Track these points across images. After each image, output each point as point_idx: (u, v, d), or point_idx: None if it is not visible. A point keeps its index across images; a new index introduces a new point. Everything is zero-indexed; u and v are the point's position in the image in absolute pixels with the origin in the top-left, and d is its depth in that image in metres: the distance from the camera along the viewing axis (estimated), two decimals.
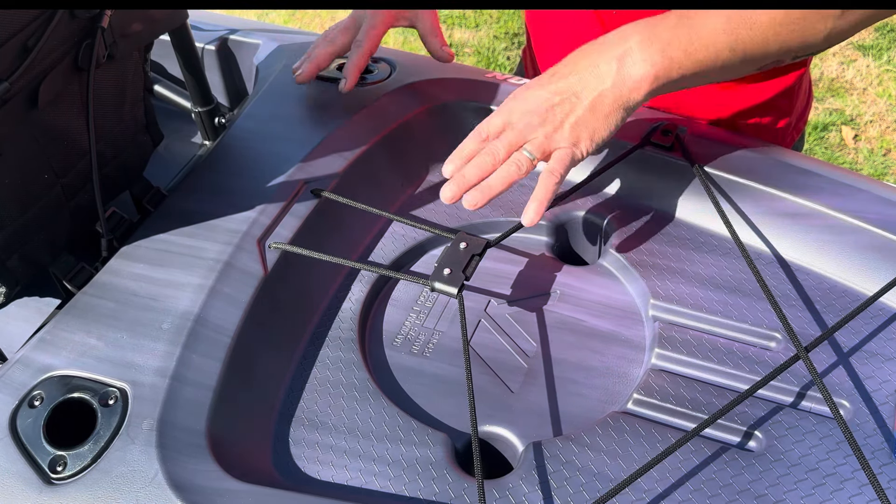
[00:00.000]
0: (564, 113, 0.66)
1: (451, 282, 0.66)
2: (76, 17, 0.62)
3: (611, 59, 0.65)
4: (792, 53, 0.67)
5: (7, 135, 0.60)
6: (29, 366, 0.62)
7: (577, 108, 0.65)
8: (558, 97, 0.66)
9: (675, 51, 0.64)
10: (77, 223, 0.72)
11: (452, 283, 0.66)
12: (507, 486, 0.57)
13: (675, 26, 0.64)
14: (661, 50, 0.64)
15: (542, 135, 0.66)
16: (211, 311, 0.65)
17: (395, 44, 2.65)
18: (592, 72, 0.65)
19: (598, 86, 0.65)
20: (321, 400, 0.65)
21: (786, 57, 0.67)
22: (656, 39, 0.64)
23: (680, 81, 0.66)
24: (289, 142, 0.81)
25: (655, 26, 0.65)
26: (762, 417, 0.61)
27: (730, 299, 0.70)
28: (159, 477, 0.54)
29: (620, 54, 0.65)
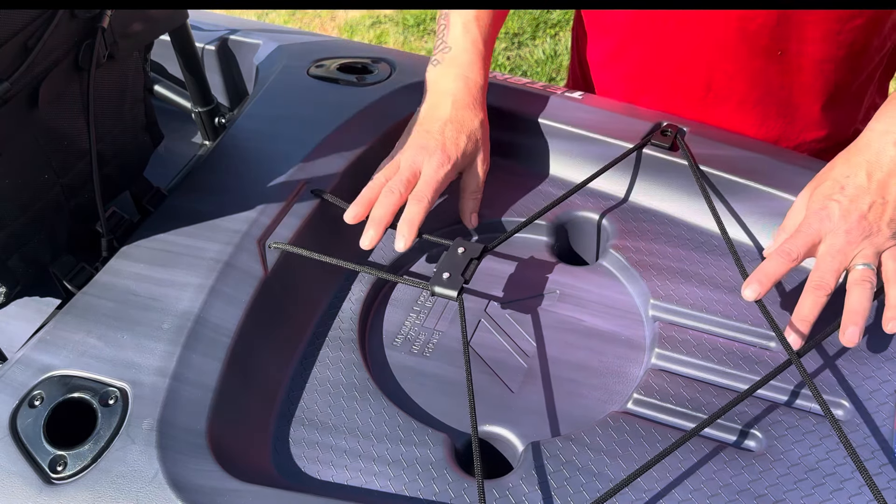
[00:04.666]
0: (876, 217, 0.64)
1: (451, 285, 0.66)
2: (76, 17, 0.62)
3: (891, 149, 0.65)
4: None
5: (7, 135, 0.60)
6: (29, 365, 0.62)
7: (888, 208, 0.64)
8: (866, 205, 0.64)
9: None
10: (77, 223, 0.72)
11: (452, 287, 0.66)
12: (507, 486, 0.57)
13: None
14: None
15: (867, 244, 0.63)
16: (211, 311, 0.65)
17: (396, 44, 2.66)
18: (881, 167, 0.65)
19: (893, 180, 0.64)
20: (321, 400, 0.65)
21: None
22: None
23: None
24: (289, 142, 0.81)
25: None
26: (762, 417, 0.61)
27: (730, 299, 0.70)
28: (159, 477, 0.54)
29: (894, 142, 0.65)
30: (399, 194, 0.70)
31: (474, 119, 0.76)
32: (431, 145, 0.73)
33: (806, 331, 0.63)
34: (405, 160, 0.73)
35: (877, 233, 0.63)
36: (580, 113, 0.84)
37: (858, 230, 0.63)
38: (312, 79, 0.92)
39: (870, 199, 0.64)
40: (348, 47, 1.00)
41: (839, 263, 0.63)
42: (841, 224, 0.63)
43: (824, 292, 0.62)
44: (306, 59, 0.95)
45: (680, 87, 0.88)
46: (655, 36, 0.85)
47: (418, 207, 0.70)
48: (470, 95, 0.76)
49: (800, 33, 0.77)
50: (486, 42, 0.80)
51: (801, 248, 0.64)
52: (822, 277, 0.63)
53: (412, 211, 0.70)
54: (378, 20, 2.77)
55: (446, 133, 0.73)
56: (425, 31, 2.70)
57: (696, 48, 0.83)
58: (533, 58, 2.49)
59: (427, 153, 0.72)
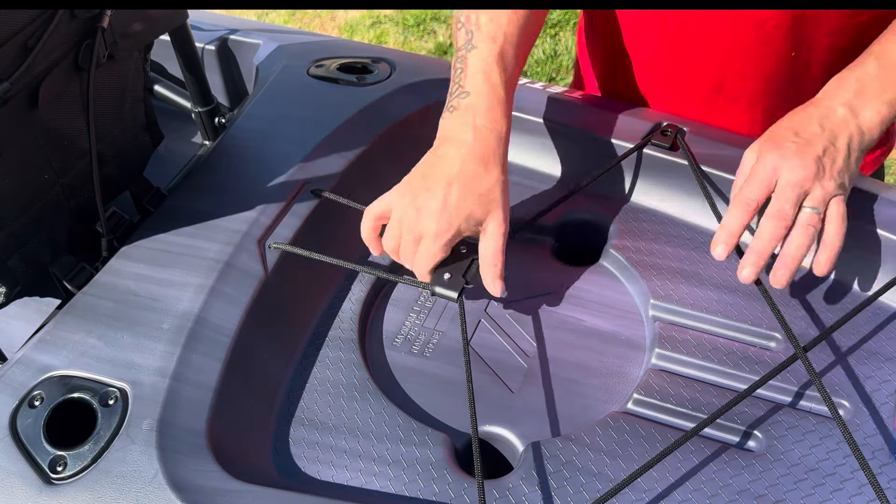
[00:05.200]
0: (830, 162, 0.65)
1: (452, 286, 0.66)
2: (76, 17, 0.62)
3: (840, 108, 0.67)
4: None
5: (7, 135, 0.60)
6: (29, 366, 0.62)
7: (839, 156, 0.65)
8: (820, 148, 0.65)
9: (889, 93, 0.67)
10: (77, 223, 0.72)
11: (453, 288, 0.66)
12: (508, 486, 0.57)
13: (877, 74, 0.68)
14: (877, 96, 0.67)
15: (818, 187, 0.64)
16: (211, 311, 0.65)
17: (395, 44, 2.66)
18: (833, 120, 0.66)
19: (845, 131, 0.66)
20: (321, 400, 0.65)
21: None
22: (867, 90, 0.67)
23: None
24: (289, 142, 0.81)
25: (860, 79, 0.68)
26: (762, 417, 0.61)
27: (730, 299, 0.70)
28: (159, 477, 0.54)
29: (847, 103, 0.67)
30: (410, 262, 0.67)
31: (488, 177, 0.65)
32: (432, 207, 0.64)
33: (762, 263, 0.63)
34: (405, 223, 0.66)
35: (828, 178, 0.64)
36: (580, 113, 0.84)
37: (813, 168, 0.64)
38: (312, 79, 0.92)
39: (823, 144, 0.65)
40: (348, 47, 1.00)
41: (797, 196, 0.64)
42: (796, 160, 0.64)
43: (784, 223, 0.63)
44: (306, 59, 0.95)
45: (690, 87, 0.87)
46: (666, 36, 0.85)
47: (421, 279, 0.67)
48: (487, 148, 0.66)
49: (813, 32, 0.77)
50: (508, 86, 0.70)
51: (758, 194, 0.65)
52: (781, 207, 0.63)
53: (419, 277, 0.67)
54: (378, 20, 2.77)
55: (450, 195, 0.64)
56: (425, 31, 2.70)
57: (708, 49, 0.83)
58: (533, 58, 2.49)
59: (427, 217, 0.64)
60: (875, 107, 0.67)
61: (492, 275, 0.66)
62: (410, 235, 0.65)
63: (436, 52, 2.61)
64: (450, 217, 0.64)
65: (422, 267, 0.66)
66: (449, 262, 0.67)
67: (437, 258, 0.65)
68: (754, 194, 0.65)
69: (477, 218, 0.65)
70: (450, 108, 0.70)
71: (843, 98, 0.67)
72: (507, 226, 0.66)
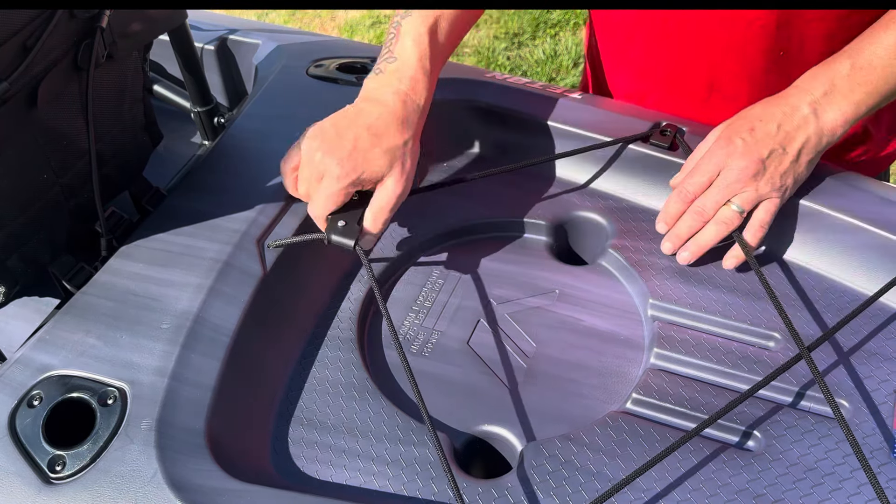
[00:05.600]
0: (774, 165, 0.68)
1: (347, 234, 0.66)
2: (75, 17, 0.62)
3: (805, 108, 0.69)
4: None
5: (6, 135, 0.60)
6: (28, 365, 0.62)
7: (786, 159, 0.69)
8: (766, 150, 0.68)
9: (858, 94, 0.69)
10: (76, 223, 0.72)
11: (348, 236, 0.66)
12: (506, 486, 0.57)
13: (849, 74, 0.69)
14: (845, 97, 0.69)
15: (751, 187, 0.68)
16: (210, 310, 0.65)
17: None
18: (792, 121, 0.69)
19: (801, 134, 0.69)
20: (320, 399, 0.65)
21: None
22: (837, 90, 0.69)
23: (867, 114, 0.70)
24: (288, 142, 0.81)
25: (832, 78, 0.69)
26: (761, 417, 0.61)
27: (729, 299, 0.70)
28: (158, 476, 0.54)
29: (811, 102, 0.69)
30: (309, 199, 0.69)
31: (399, 136, 0.67)
32: (340, 150, 0.65)
33: (676, 245, 0.72)
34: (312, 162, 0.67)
35: (765, 180, 0.68)
36: (580, 113, 0.84)
37: (752, 170, 0.68)
38: (312, 79, 0.92)
39: (771, 146, 0.68)
40: (348, 47, 1.00)
41: (722, 196, 0.69)
42: (740, 160, 0.68)
43: (701, 218, 0.70)
44: (305, 59, 0.95)
45: (683, 87, 0.88)
46: (657, 36, 0.85)
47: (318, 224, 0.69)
48: (405, 113, 0.68)
49: (802, 32, 0.77)
50: (435, 59, 0.72)
51: (697, 188, 0.71)
52: (703, 204, 0.70)
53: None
54: (378, 20, 2.77)
55: (360, 141, 0.66)
56: None
57: (698, 49, 0.83)
58: (533, 58, 2.49)
59: (332, 158, 0.65)
60: (841, 108, 0.69)
61: (371, 226, 0.67)
62: (314, 175, 0.67)
63: None
64: (354, 162, 0.65)
65: (318, 207, 0.67)
66: (344, 210, 0.67)
67: (334, 199, 0.66)
68: (693, 187, 0.71)
69: (379, 170, 0.66)
70: (376, 70, 0.72)
71: (810, 96, 0.70)
72: (405, 189, 0.68)
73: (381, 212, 0.67)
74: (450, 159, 0.87)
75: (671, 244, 0.73)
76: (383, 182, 0.67)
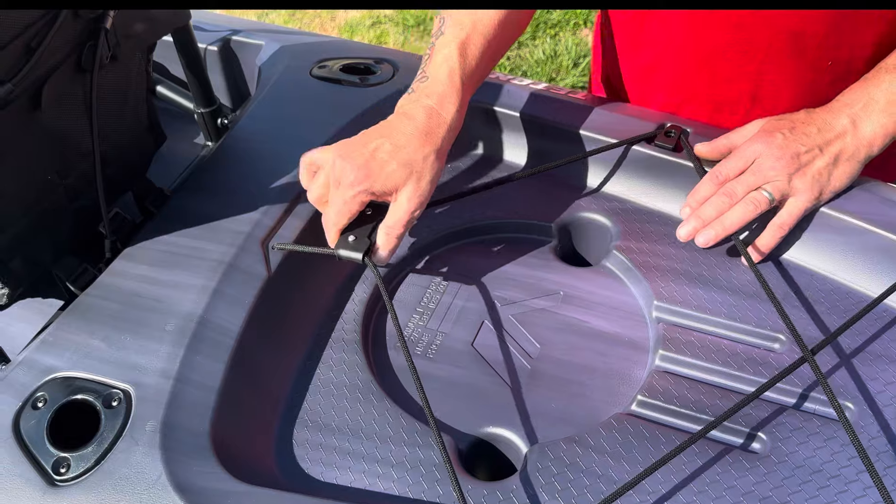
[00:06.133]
0: (808, 161, 0.69)
1: (356, 248, 0.66)
2: (80, 17, 0.62)
3: (845, 118, 0.70)
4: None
5: (10, 136, 0.60)
6: (32, 367, 0.62)
7: (819, 160, 0.69)
8: (804, 148, 0.69)
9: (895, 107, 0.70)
10: (80, 224, 0.71)
11: (357, 249, 0.66)
12: (511, 489, 0.57)
13: (888, 88, 0.70)
14: (884, 110, 0.70)
15: (784, 177, 0.69)
16: (214, 312, 0.65)
17: (396, 44, 2.66)
18: (832, 128, 0.70)
19: (839, 141, 0.70)
20: (325, 401, 0.65)
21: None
22: (875, 103, 0.70)
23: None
24: (292, 143, 0.81)
25: (871, 92, 0.71)
26: (766, 419, 0.61)
27: (733, 301, 0.70)
28: (163, 479, 0.54)
29: (851, 115, 0.70)
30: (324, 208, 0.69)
31: (420, 150, 0.66)
32: (356, 161, 0.65)
33: (697, 228, 0.71)
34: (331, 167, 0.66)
35: (798, 176, 0.69)
36: (583, 114, 0.84)
37: (786, 162, 0.69)
38: (315, 79, 0.91)
39: (809, 145, 0.69)
40: (351, 48, 1.00)
41: (755, 181, 0.69)
42: (777, 151, 0.69)
43: (730, 200, 0.70)
44: (309, 60, 0.95)
45: (724, 99, 0.86)
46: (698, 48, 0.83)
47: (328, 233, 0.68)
48: (431, 129, 0.67)
49: (852, 40, 0.77)
50: (466, 76, 0.71)
51: (732, 171, 0.71)
52: (734, 188, 0.70)
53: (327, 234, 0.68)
54: (378, 20, 2.77)
55: (379, 151, 0.65)
56: (425, 31, 2.70)
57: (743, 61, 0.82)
58: (533, 58, 2.49)
59: (350, 165, 0.65)
60: (880, 121, 0.69)
61: (383, 241, 0.67)
62: (331, 179, 0.66)
63: None
64: (370, 170, 0.64)
65: (331, 216, 0.66)
66: (355, 226, 0.67)
67: (348, 206, 0.65)
68: (727, 170, 0.71)
69: (395, 182, 0.65)
70: (410, 90, 0.72)
71: (850, 109, 0.70)
72: (420, 204, 0.67)
73: (394, 227, 0.66)
74: (451, 160, 0.87)
75: (692, 226, 0.71)
76: (398, 196, 0.66)
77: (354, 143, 0.67)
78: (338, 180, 0.65)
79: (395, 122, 0.68)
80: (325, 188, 0.67)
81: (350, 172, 0.64)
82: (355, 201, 0.65)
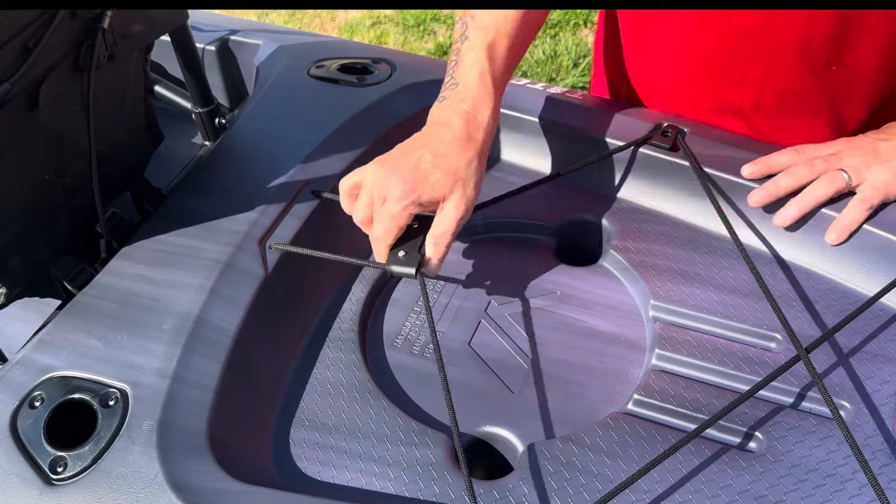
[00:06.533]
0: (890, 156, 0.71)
1: (408, 263, 0.65)
2: (77, 17, 0.62)
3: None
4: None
5: (8, 136, 0.60)
6: (29, 366, 0.62)
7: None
8: (883, 146, 0.72)
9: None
10: (77, 224, 0.72)
11: (409, 264, 0.65)
12: (507, 487, 0.57)
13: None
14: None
15: (861, 161, 0.71)
16: (211, 311, 0.65)
17: (395, 44, 2.66)
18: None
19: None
20: (321, 401, 0.65)
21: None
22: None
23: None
24: (289, 142, 0.81)
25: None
26: (762, 418, 0.61)
27: (730, 300, 0.70)
28: (160, 478, 0.54)
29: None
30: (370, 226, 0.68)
31: (462, 155, 0.66)
32: (401, 174, 0.64)
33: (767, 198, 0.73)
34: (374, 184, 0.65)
35: (882, 162, 0.70)
36: (581, 113, 0.84)
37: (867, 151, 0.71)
38: (313, 79, 0.92)
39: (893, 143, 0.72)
40: (349, 48, 1.01)
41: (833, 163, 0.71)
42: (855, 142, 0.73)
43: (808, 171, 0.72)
44: (307, 60, 0.95)
45: (727, 104, 0.86)
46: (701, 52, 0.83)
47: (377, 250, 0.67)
48: (466, 131, 0.67)
49: (857, 47, 0.76)
50: (497, 77, 0.71)
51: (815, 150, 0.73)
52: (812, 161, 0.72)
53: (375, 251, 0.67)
54: (378, 20, 2.77)
55: (421, 162, 0.64)
56: (425, 31, 2.70)
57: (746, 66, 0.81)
58: (533, 58, 2.49)
59: (394, 179, 0.64)
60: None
61: (433, 251, 0.65)
62: (376, 196, 0.65)
63: (436, 52, 2.61)
64: (415, 182, 0.63)
65: (379, 233, 0.65)
66: (403, 241, 0.66)
67: (397, 221, 0.64)
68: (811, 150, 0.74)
69: (441, 191, 0.64)
70: (441, 97, 0.71)
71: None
72: (467, 210, 0.66)
73: (442, 236, 0.65)
74: None
75: (767, 193, 0.72)
76: (444, 205, 0.65)
77: (394, 157, 0.66)
78: (383, 196, 0.64)
79: (431, 131, 0.68)
80: (370, 208, 0.66)
81: (396, 186, 0.63)
82: (403, 215, 0.64)
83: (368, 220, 0.67)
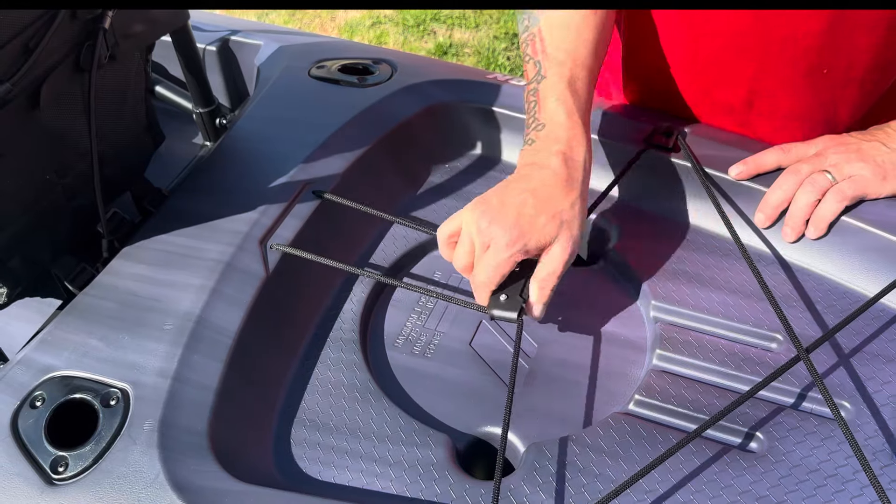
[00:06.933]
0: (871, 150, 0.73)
1: (509, 307, 0.63)
2: (78, 17, 0.62)
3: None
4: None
5: (8, 136, 0.60)
6: (30, 366, 0.62)
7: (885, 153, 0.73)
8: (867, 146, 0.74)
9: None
10: (78, 224, 0.72)
11: (511, 308, 0.63)
12: (509, 487, 0.57)
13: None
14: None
15: (843, 159, 0.73)
16: (212, 311, 0.65)
17: (395, 44, 2.66)
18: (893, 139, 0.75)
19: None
20: (322, 401, 0.65)
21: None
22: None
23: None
24: (290, 143, 0.81)
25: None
26: (763, 419, 0.61)
27: (731, 300, 0.70)
28: (161, 478, 0.54)
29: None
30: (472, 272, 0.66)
31: (565, 198, 0.63)
32: (507, 222, 0.62)
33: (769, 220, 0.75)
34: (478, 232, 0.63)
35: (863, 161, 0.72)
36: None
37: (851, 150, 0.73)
38: (314, 80, 0.92)
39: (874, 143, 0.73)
40: (349, 48, 1.01)
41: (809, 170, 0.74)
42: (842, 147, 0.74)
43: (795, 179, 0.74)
44: (307, 60, 0.95)
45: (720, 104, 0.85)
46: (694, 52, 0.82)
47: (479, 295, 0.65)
48: (565, 172, 0.65)
49: (849, 46, 0.75)
50: (583, 112, 0.69)
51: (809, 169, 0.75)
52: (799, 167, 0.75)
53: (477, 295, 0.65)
54: (378, 20, 2.77)
55: (525, 207, 0.62)
56: (425, 32, 2.71)
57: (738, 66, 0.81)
58: None
59: (498, 227, 0.62)
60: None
61: (538, 295, 0.64)
62: (479, 244, 0.63)
63: (436, 52, 2.61)
64: (521, 229, 0.62)
65: (483, 276, 0.63)
66: (504, 285, 0.64)
67: (502, 269, 0.62)
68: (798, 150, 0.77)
69: (547, 236, 0.62)
70: (528, 140, 0.68)
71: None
72: (573, 253, 0.64)
73: (548, 279, 0.63)
74: (451, 160, 0.87)
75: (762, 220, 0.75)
76: (550, 248, 0.63)
77: (495, 204, 0.63)
78: (486, 244, 0.62)
79: (530, 174, 0.65)
80: (471, 255, 0.64)
81: (503, 235, 0.61)
82: (510, 263, 0.62)
83: (469, 267, 0.65)
